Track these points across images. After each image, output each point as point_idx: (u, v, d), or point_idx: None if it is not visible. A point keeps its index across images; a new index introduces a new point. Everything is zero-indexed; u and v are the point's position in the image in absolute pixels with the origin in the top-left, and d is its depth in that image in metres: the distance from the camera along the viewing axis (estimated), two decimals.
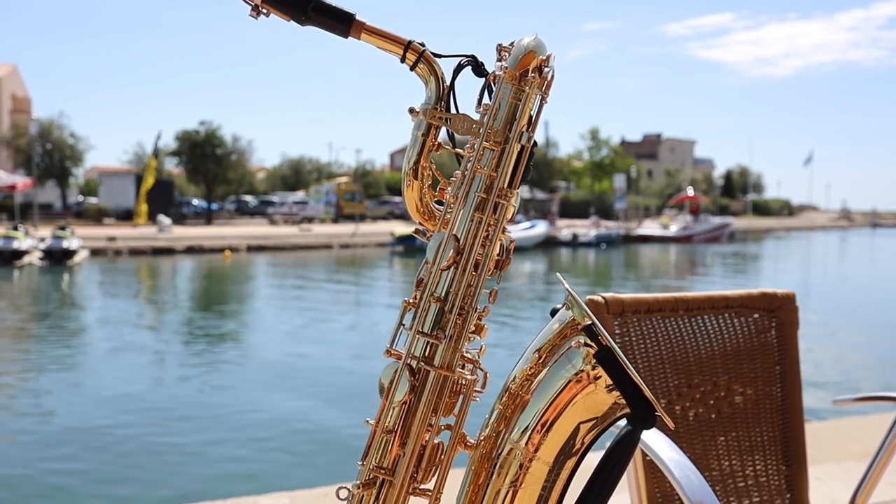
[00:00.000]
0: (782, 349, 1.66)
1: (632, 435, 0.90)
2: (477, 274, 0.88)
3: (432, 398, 0.87)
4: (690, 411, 1.59)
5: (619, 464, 0.90)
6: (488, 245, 0.88)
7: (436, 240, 0.90)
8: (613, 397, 0.87)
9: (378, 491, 0.88)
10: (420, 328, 0.89)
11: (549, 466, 0.89)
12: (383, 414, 0.90)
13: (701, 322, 1.64)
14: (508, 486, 0.89)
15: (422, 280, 0.91)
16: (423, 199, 0.94)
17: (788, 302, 1.68)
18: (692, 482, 1.16)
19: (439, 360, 0.87)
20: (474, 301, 0.88)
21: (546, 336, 0.92)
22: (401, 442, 0.88)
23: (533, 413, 0.89)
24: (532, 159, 0.93)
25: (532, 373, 0.91)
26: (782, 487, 1.61)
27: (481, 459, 0.92)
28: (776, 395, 1.64)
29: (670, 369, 1.59)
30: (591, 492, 0.89)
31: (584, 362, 0.87)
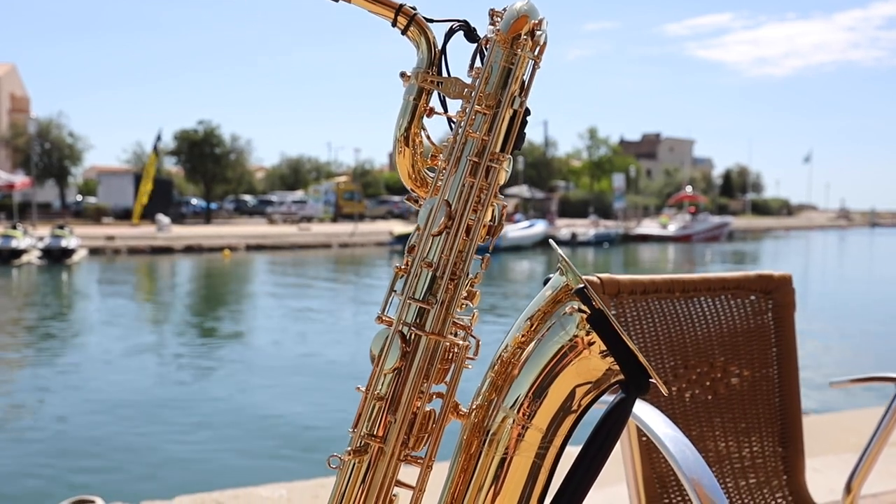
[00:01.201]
0: (779, 331, 1.66)
1: (625, 402, 0.89)
2: (469, 239, 0.88)
3: (424, 364, 0.87)
4: (687, 392, 1.58)
5: (613, 432, 0.89)
6: (480, 210, 0.88)
7: (427, 205, 0.89)
8: (607, 363, 0.87)
9: (369, 458, 0.87)
10: (411, 294, 0.88)
11: (542, 433, 0.88)
12: (374, 381, 0.89)
13: (697, 304, 1.63)
14: (501, 454, 0.88)
15: (413, 246, 0.90)
16: (415, 165, 0.93)
17: (785, 284, 1.68)
18: (688, 458, 1.15)
19: (431, 325, 0.87)
20: (466, 266, 0.88)
21: (538, 303, 0.91)
22: (392, 409, 0.87)
23: (526, 380, 0.88)
24: (525, 126, 0.92)
25: (524, 340, 0.90)
26: (779, 469, 1.60)
27: (473, 428, 0.91)
28: (773, 377, 1.64)
29: (666, 350, 1.58)
30: (585, 460, 0.89)
31: (578, 328, 0.86)
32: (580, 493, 0.89)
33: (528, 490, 0.88)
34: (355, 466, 0.88)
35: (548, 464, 0.89)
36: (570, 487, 0.88)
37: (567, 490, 0.88)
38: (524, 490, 0.88)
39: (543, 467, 0.89)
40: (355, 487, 0.87)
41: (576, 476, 0.88)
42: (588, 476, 0.89)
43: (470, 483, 0.90)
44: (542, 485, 0.89)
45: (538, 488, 0.89)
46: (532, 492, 0.88)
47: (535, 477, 0.88)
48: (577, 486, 0.88)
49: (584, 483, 0.89)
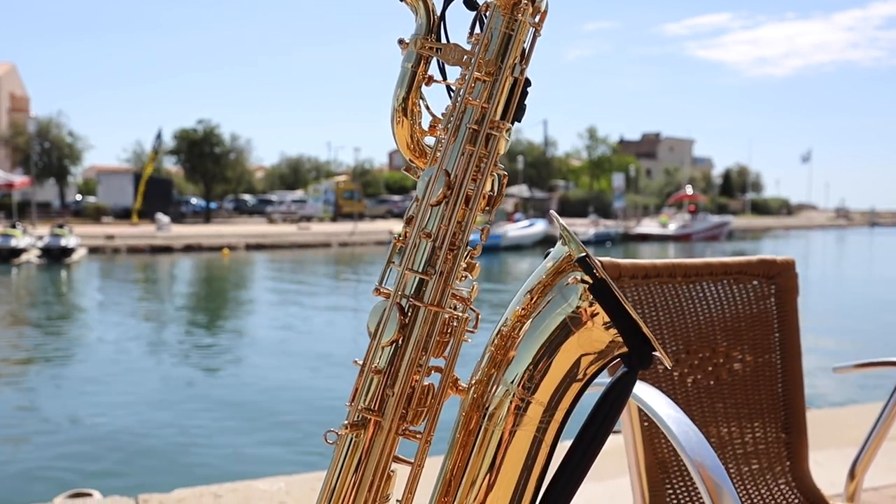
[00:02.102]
0: (782, 316, 1.64)
1: (628, 376, 0.87)
2: (468, 209, 0.86)
3: (422, 336, 0.85)
4: (689, 378, 1.56)
5: (615, 406, 0.87)
6: (480, 179, 0.86)
7: (426, 175, 0.87)
8: (610, 335, 0.85)
9: (367, 432, 0.86)
10: (409, 265, 0.86)
11: (543, 407, 0.86)
12: (371, 354, 0.87)
13: (699, 288, 1.61)
14: (501, 429, 0.86)
15: (412, 217, 0.88)
16: (413, 136, 0.91)
17: (788, 268, 1.66)
18: (691, 439, 1.13)
19: (429, 296, 0.85)
20: (465, 236, 0.86)
21: (539, 275, 0.89)
22: (390, 382, 0.85)
23: (527, 354, 0.87)
24: (526, 97, 0.90)
25: (525, 314, 0.88)
26: (782, 455, 1.59)
27: (472, 404, 0.89)
28: (775, 363, 1.62)
29: (668, 335, 1.56)
30: (587, 435, 0.87)
31: (581, 299, 0.84)
32: (582, 469, 0.87)
33: (529, 465, 0.87)
34: (352, 441, 0.86)
35: (549, 439, 0.87)
36: (573, 462, 0.86)
37: (569, 465, 0.86)
38: (525, 465, 0.86)
39: (544, 442, 0.87)
40: (352, 462, 0.86)
41: (577, 451, 0.87)
42: (590, 451, 0.87)
43: (469, 459, 0.88)
44: (544, 460, 0.87)
45: (539, 464, 0.87)
46: (533, 467, 0.87)
47: (536, 452, 0.86)
48: (580, 461, 0.87)
49: (586, 458, 0.87)
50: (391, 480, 0.88)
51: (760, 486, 1.55)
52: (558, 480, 0.87)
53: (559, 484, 0.87)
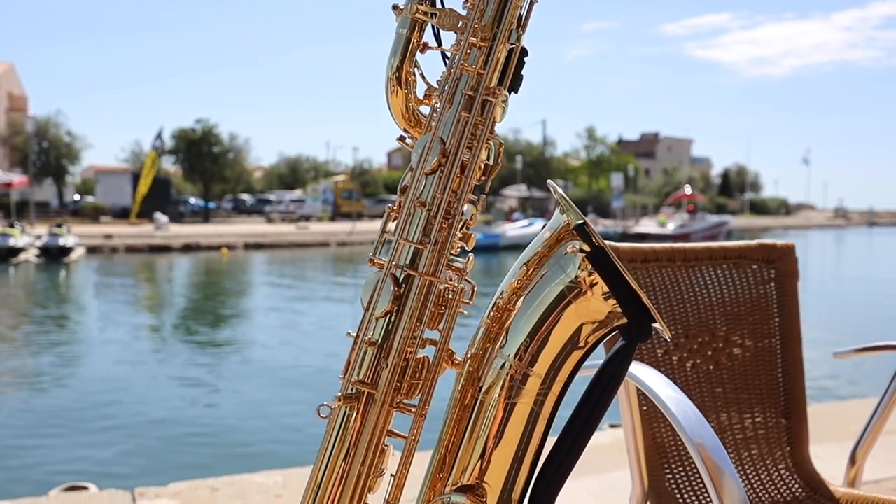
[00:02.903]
0: (782, 301, 1.62)
1: (627, 348, 0.85)
2: (464, 177, 0.84)
3: (417, 307, 0.83)
4: (688, 362, 1.54)
5: (614, 378, 0.85)
6: (476, 146, 0.84)
7: (420, 143, 0.85)
8: (609, 306, 0.83)
9: (360, 405, 0.84)
10: (404, 235, 0.84)
11: (540, 380, 0.84)
12: (365, 326, 0.85)
13: (698, 273, 1.60)
14: (497, 402, 0.85)
15: (406, 187, 0.86)
16: (408, 105, 0.89)
17: (788, 253, 1.64)
18: (690, 419, 1.11)
19: (424, 266, 0.83)
20: (460, 205, 0.84)
21: (536, 246, 0.87)
22: (384, 354, 0.84)
23: (523, 326, 0.85)
24: (522, 67, 0.89)
25: (521, 286, 0.87)
26: (782, 440, 1.57)
27: (468, 378, 0.87)
28: (775, 348, 1.60)
29: (667, 320, 1.55)
30: (585, 408, 0.85)
31: (580, 268, 0.82)
32: (580, 443, 0.86)
33: (526, 439, 0.85)
34: (346, 414, 0.85)
35: (546, 412, 0.85)
36: (570, 437, 0.85)
37: (567, 439, 0.85)
38: (522, 439, 0.85)
39: (541, 415, 0.85)
40: (346, 435, 0.84)
41: (575, 425, 0.85)
42: (588, 425, 0.86)
43: (465, 433, 0.86)
44: (541, 434, 0.86)
45: (536, 437, 0.85)
46: (530, 441, 0.85)
47: (533, 425, 0.85)
48: (577, 435, 0.85)
49: (584, 432, 0.85)
50: (385, 455, 0.86)
51: (760, 472, 1.54)
52: (556, 455, 0.85)
53: (557, 458, 0.85)
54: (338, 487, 0.84)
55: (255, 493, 2.94)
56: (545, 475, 0.85)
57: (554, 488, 0.85)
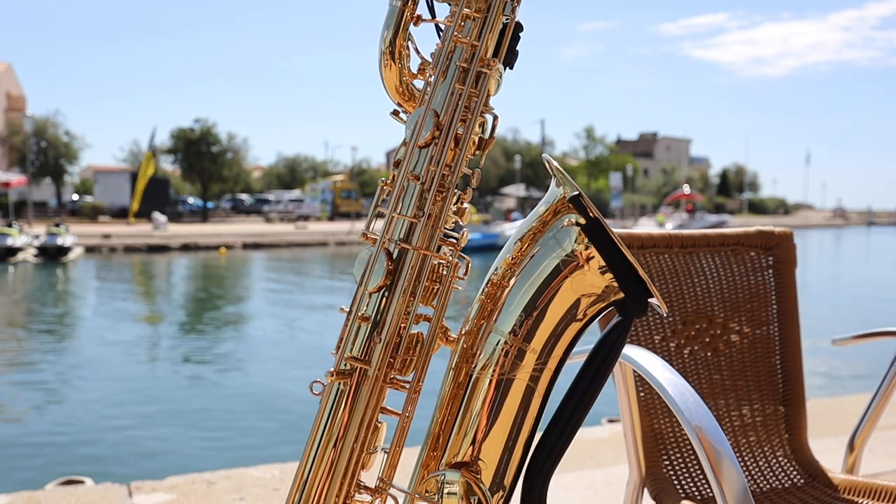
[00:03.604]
0: (780, 287, 1.61)
1: (623, 323, 0.84)
2: (458, 150, 0.83)
3: (410, 281, 0.82)
4: (685, 349, 1.54)
5: (611, 355, 0.85)
6: (470, 119, 0.83)
7: (413, 117, 0.84)
8: (606, 280, 0.82)
9: (353, 380, 0.83)
10: (397, 209, 0.83)
11: (536, 355, 0.83)
12: (357, 301, 0.84)
13: (696, 259, 1.59)
14: (492, 378, 0.84)
15: (399, 161, 0.85)
16: (402, 79, 0.88)
17: (786, 240, 1.63)
18: (688, 401, 1.10)
19: (418, 240, 0.82)
20: (454, 178, 0.83)
21: (531, 221, 0.86)
22: (377, 329, 0.83)
23: (518, 301, 0.84)
24: (517, 42, 0.88)
25: (516, 262, 0.86)
26: (780, 427, 1.56)
27: (462, 355, 0.86)
28: (773, 335, 1.60)
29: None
30: (581, 385, 0.84)
31: (577, 242, 0.81)
32: (576, 420, 0.85)
33: (522, 416, 0.84)
34: (339, 390, 0.84)
35: (542, 388, 0.84)
36: (567, 411, 0.84)
37: (563, 414, 0.84)
38: (518, 414, 0.84)
39: (537, 392, 0.84)
40: (338, 412, 0.83)
41: (571, 402, 0.84)
42: (584, 402, 0.85)
43: (459, 410, 0.85)
44: (536, 410, 0.85)
45: (532, 413, 0.84)
46: (526, 416, 0.84)
47: (529, 401, 0.84)
48: (574, 410, 0.84)
49: (580, 409, 0.84)
50: (379, 432, 0.85)
51: (759, 459, 1.53)
52: (552, 431, 0.84)
53: (553, 434, 0.84)
54: (331, 464, 0.83)
55: (253, 487, 2.93)
56: (541, 451, 0.84)
57: (550, 464, 0.84)
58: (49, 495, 2.86)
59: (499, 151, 55.54)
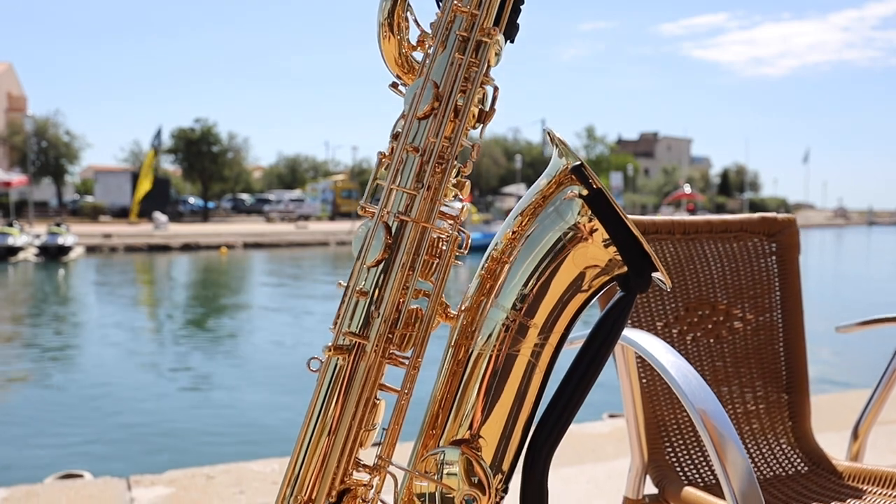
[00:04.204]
0: (783, 274, 1.60)
1: (626, 298, 0.83)
2: (457, 121, 0.82)
3: (409, 255, 0.81)
4: (688, 335, 1.52)
5: (613, 331, 0.83)
6: (469, 89, 0.82)
7: (412, 88, 0.83)
8: (609, 254, 0.80)
9: (350, 356, 0.81)
10: (395, 181, 0.82)
11: (537, 330, 0.82)
12: (355, 276, 0.83)
13: (699, 245, 1.57)
14: (493, 354, 0.82)
15: (398, 133, 0.84)
16: (401, 51, 0.87)
17: (789, 226, 1.62)
18: (692, 383, 1.09)
19: (416, 212, 0.81)
20: (454, 150, 0.82)
21: (532, 194, 0.84)
22: (375, 304, 0.81)
23: (519, 275, 0.82)
24: (518, 14, 0.86)
25: (516, 236, 0.84)
26: (784, 415, 1.55)
27: (462, 331, 0.85)
28: (776, 321, 1.58)
29: (666, 292, 1.52)
30: (582, 362, 0.83)
31: (580, 214, 0.80)
32: (577, 398, 0.83)
33: (523, 390, 0.82)
34: (337, 366, 0.82)
35: (543, 364, 0.83)
36: (569, 388, 0.82)
37: (565, 392, 0.82)
38: (519, 391, 0.82)
39: (539, 367, 0.82)
40: (336, 388, 0.81)
41: (573, 380, 0.82)
42: (586, 378, 0.83)
43: (459, 387, 0.84)
44: (538, 387, 0.83)
45: (534, 389, 0.83)
46: (527, 392, 0.82)
47: (531, 377, 0.82)
48: (575, 390, 0.82)
49: (581, 387, 0.83)
50: (377, 409, 0.83)
51: (762, 446, 1.51)
52: (553, 409, 0.83)
53: (555, 412, 0.83)
54: (329, 442, 0.81)
55: (252, 481, 2.91)
56: (543, 429, 0.83)
57: (552, 442, 0.83)
58: (48, 489, 2.85)
59: (499, 151, 55.53)
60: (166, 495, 2.75)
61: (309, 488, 0.82)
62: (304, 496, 0.82)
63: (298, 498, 0.82)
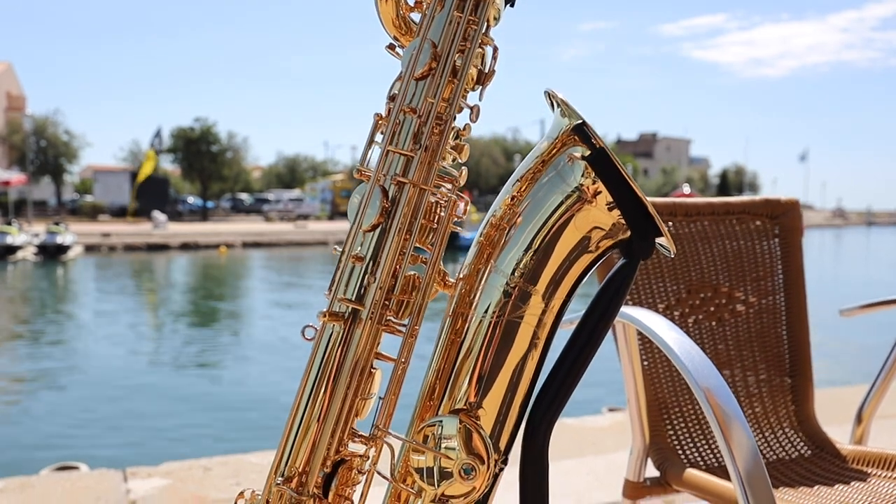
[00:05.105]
0: (786, 257, 1.58)
1: (629, 265, 0.81)
2: (456, 80, 0.79)
3: (406, 218, 0.78)
4: (690, 318, 1.50)
5: (615, 300, 0.81)
6: (468, 48, 0.79)
7: (409, 48, 0.81)
8: (613, 217, 0.78)
9: (346, 322, 0.79)
10: (392, 143, 0.80)
11: (538, 297, 0.79)
12: (351, 240, 0.81)
13: (700, 227, 1.55)
14: (492, 322, 0.80)
15: (394, 95, 0.82)
16: (399, 12, 0.84)
17: (792, 208, 1.60)
18: (695, 360, 1.07)
19: (414, 174, 0.78)
20: (453, 111, 0.80)
21: (532, 159, 0.82)
22: (371, 269, 0.79)
23: (520, 241, 0.80)
24: None
25: (516, 201, 0.82)
26: (787, 398, 1.53)
27: (461, 300, 0.82)
28: (779, 304, 1.56)
29: (668, 274, 1.50)
30: (584, 330, 0.81)
31: (583, 175, 0.77)
32: (579, 367, 0.81)
33: (523, 360, 0.80)
34: (332, 333, 0.80)
35: (544, 331, 0.80)
36: (569, 358, 0.80)
37: (566, 360, 0.80)
38: (519, 360, 0.80)
39: (539, 335, 0.80)
40: (331, 355, 0.79)
41: (574, 348, 0.80)
42: (588, 347, 0.81)
43: (457, 356, 0.81)
44: (539, 355, 0.81)
45: (534, 358, 0.80)
46: (527, 362, 0.80)
47: (531, 345, 0.80)
48: (576, 357, 0.80)
49: (583, 356, 0.81)
50: (374, 377, 0.81)
51: (765, 430, 1.49)
52: (555, 378, 0.80)
53: (555, 382, 0.80)
54: (323, 410, 0.79)
55: (250, 473, 2.89)
56: (544, 399, 0.81)
57: (553, 413, 0.81)
58: (43, 481, 2.82)
59: (499, 151, 55.50)
60: (163, 486, 2.72)
61: (304, 458, 0.80)
62: (298, 466, 0.80)
63: (292, 468, 0.80)
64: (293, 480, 0.80)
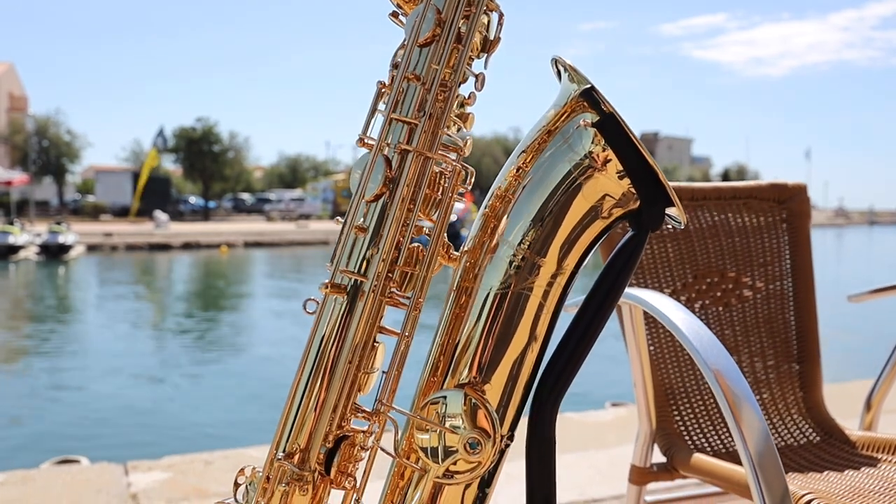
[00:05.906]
0: (794, 242, 1.56)
1: (638, 237, 0.79)
2: (461, 46, 0.78)
3: (410, 187, 0.76)
4: (696, 303, 1.48)
5: (626, 269, 0.79)
6: (473, 13, 0.78)
7: (412, 15, 0.79)
8: (623, 186, 0.76)
9: (348, 294, 0.77)
10: (395, 111, 0.78)
11: (546, 268, 0.77)
12: (354, 211, 0.79)
13: (707, 212, 1.54)
14: (498, 294, 0.78)
15: (398, 63, 0.80)
16: None
17: (800, 193, 1.58)
18: (703, 340, 1.05)
19: (418, 142, 0.77)
20: (458, 78, 0.78)
21: (538, 128, 0.80)
22: (374, 240, 0.77)
23: (526, 211, 0.78)
24: None
25: (521, 172, 0.80)
26: (794, 385, 1.51)
27: (465, 273, 0.80)
28: (787, 290, 1.54)
29: (674, 259, 1.48)
30: (592, 303, 0.79)
31: (593, 143, 0.75)
32: (587, 341, 0.79)
33: (531, 332, 0.78)
34: (334, 306, 0.78)
35: (551, 303, 0.78)
36: (577, 331, 0.78)
37: (575, 333, 0.78)
38: (526, 333, 0.78)
39: (547, 307, 0.78)
40: (334, 327, 0.77)
41: (583, 319, 0.78)
42: (595, 323, 0.79)
43: (462, 331, 0.79)
44: (546, 327, 0.79)
45: (541, 331, 0.78)
46: (534, 334, 0.78)
47: (538, 318, 0.78)
48: (586, 330, 0.78)
49: (591, 329, 0.79)
50: (376, 352, 0.79)
51: (773, 416, 1.47)
52: (562, 352, 0.78)
53: (561, 360, 0.78)
54: (325, 385, 0.77)
55: (250, 467, 2.87)
56: (550, 374, 0.79)
57: (560, 389, 0.79)
58: (44, 474, 2.81)
59: (500, 150, 55.46)
60: (164, 480, 2.71)
61: (305, 434, 0.78)
62: (300, 442, 0.78)
63: (294, 444, 0.78)
64: (295, 456, 0.78)
